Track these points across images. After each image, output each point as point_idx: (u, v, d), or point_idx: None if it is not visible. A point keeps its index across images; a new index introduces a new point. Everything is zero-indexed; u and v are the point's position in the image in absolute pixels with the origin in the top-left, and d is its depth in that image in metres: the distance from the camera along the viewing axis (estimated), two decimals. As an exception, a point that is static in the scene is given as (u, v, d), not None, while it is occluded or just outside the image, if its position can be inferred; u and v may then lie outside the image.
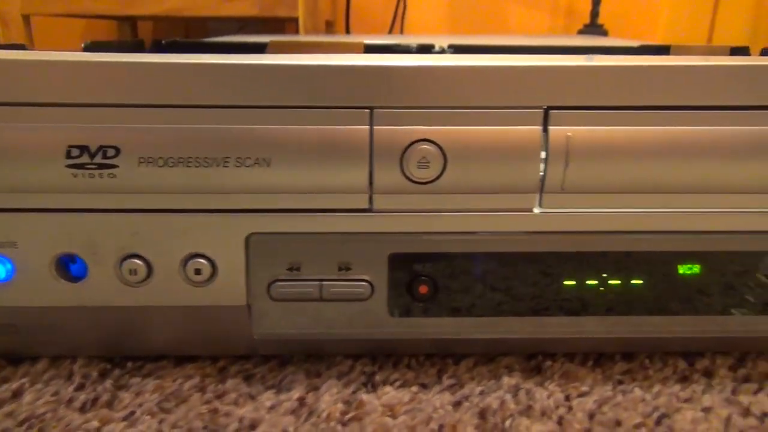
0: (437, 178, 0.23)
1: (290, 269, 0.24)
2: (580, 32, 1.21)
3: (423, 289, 0.25)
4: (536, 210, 0.24)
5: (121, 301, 0.24)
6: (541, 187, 0.23)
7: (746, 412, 0.24)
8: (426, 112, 0.22)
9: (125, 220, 0.23)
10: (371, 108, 0.22)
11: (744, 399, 0.24)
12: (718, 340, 0.27)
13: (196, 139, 0.22)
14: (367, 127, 0.22)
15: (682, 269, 0.25)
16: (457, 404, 0.24)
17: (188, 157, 0.22)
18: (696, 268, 0.25)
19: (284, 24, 1.33)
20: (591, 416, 0.23)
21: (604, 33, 1.19)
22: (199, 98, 0.22)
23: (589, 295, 0.25)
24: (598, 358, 0.28)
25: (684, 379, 0.26)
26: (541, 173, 0.23)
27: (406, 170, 0.23)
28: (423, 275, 0.24)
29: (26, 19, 1.01)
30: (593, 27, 1.20)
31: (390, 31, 1.28)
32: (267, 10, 1.27)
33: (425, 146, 0.23)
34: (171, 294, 0.24)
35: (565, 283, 0.25)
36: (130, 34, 1.33)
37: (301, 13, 1.25)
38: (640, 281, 0.25)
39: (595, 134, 0.23)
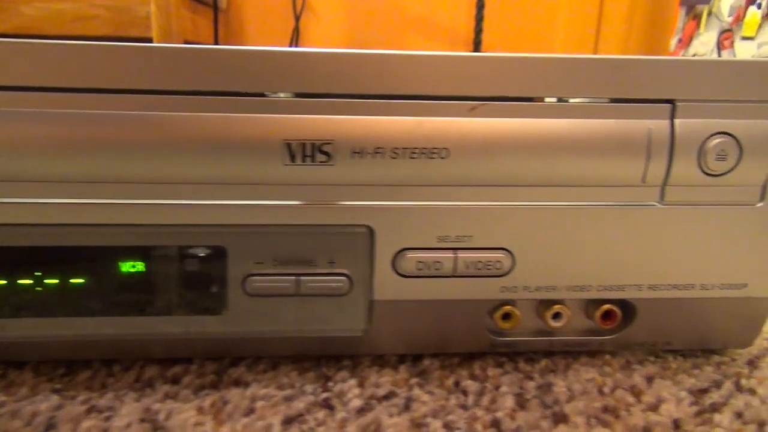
0: None
1: None
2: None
3: None
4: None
5: None
6: None
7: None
8: None
9: None
10: None
11: (158, 406, 0.23)
12: (194, 342, 0.25)
13: None
14: None
15: (125, 267, 0.24)
16: None
17: None
18: (140, 266, 0.24)
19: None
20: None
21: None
22: None
23: (25, 296, 0.23)
24: (71, 365, 0.25)
25: (145, 387, 0.24)
26: None
27: None
28: None
29: None
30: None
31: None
32: (120, 31, 1.25)
33: None
34: None
35: (-5, 282, 0.23)
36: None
37: (154, 34, 1.24)
38: (81, 280, 0.24)
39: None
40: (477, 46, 1.51)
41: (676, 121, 0.23)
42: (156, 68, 0.21)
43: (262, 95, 0.22)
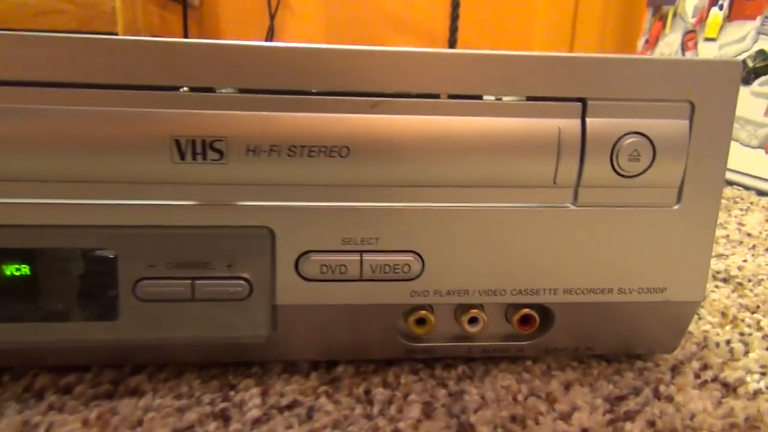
0: None
1: None
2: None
3: None
4: None
5: None
6: None
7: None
8: None
9: None
10: None
11: (39, 419, 0.21)
12: (90, 350, 0.24)
13: None
14: None
15: (9, 270, 0.22)
16: None
17: None
18: (25, 269, 0.22)
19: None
20: None
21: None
22: None
23: None
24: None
25: (32, 397, 0.23)
26: None
27: None
28: None
29: None
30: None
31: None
32: (85, 25, 1.22)
33: None
34: None
35: None
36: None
37: (120, 29, 1.21)
38: (-39, 284, 0.22)
39: None
40: (452, 44, 1.51)
41: (588, 121, 0.22)
42: (38, 58, 0.20)
43: (150, 89, 0.21)
